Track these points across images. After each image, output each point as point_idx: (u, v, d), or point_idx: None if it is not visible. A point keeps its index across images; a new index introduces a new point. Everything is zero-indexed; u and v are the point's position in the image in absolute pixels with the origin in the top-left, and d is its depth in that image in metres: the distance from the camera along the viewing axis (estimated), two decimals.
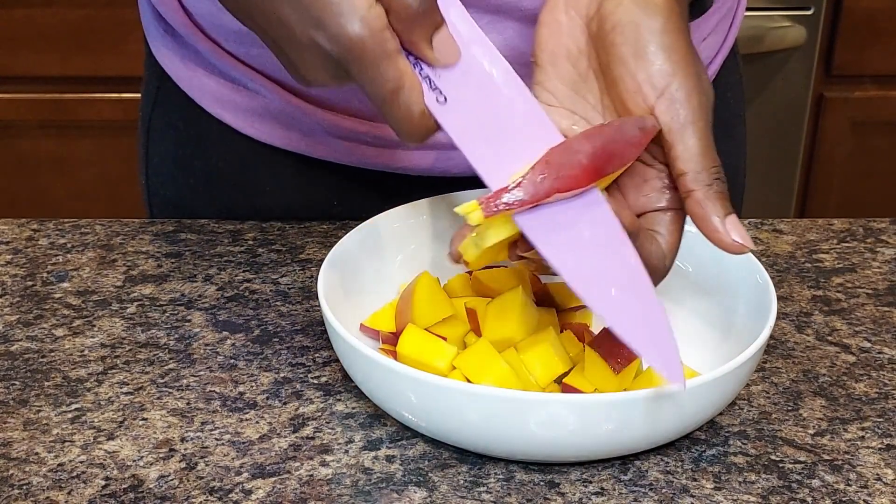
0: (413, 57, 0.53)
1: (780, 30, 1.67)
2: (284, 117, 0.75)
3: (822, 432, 0.59)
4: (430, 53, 0.53)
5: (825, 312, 0.70)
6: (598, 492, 0.55)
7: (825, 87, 1.76)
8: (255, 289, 0.71)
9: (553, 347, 0.59)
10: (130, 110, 1.59)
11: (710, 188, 0.53)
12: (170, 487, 0.54)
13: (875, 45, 1.71)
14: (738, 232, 0.54)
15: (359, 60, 0.51)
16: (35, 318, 0.68)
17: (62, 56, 1.72)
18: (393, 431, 0.58)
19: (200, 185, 0.81)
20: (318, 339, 0.66)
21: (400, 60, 0.52)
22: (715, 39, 0.81)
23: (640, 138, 0.53)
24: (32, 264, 0.74)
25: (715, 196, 0.53)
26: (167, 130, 0.82)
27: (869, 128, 1.78)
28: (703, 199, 0.53)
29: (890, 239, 0.79)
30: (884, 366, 0.65)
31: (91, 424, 0.59)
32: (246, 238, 0.77)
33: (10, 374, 0.63)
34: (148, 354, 0.65)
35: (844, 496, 0.54)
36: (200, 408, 0.60)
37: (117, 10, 1.68)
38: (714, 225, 0.53)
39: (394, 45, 0.51)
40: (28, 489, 0.54)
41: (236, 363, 0.64)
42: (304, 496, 0.54)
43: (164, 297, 0.70)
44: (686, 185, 0.53)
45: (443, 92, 0.54)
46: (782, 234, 0.79)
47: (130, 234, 0.78)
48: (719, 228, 0.53)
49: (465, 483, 0.55)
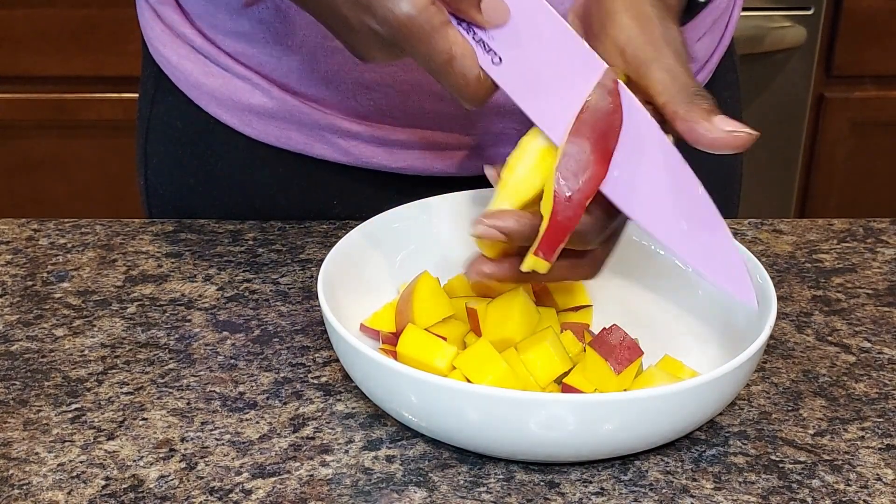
0: (465, 23, 0.55)
1: (780, 30, 1.67)
2: (283, 117, 0.75)
3: (822, 432, 0.59)
4: (480, 17, 0.54)
5: (825, 312, 0.70)
6: (598, 492, 0.55)
7: (825, 87, 1.76)
8: (255, 289, 0.71)
9: (553, 347, 0.59)
10: (130, 110, 1.59)
11: (691, 103, 0.54)
12: (170, 487, 0.54)
13: (875, 45, 1.71)
14: (730, 124, 0.53)
15: (410, 38, 0.53)
16: (35, 318, 0.68)
17: (62, 56, 1.72)
18: (393, 431, 0.58)
19: (200, 184, 0.81)
20: (318, 339, 0.66)
21: (450, 31, 0.54)
22: (710, 39, 0.81)
23: (613, 101, 0.55)
24: (32, 264, 0.74)
25: (697, 107, 0.53)
26: (166, 130, 0.82)
27: (869, 128, 1.78)
28: (685, 113, 0.53)
29: (890, 239, 0.79)
30: (884, 366, 0.65)
31: (91, 424, 0.59)
32: (246, 238, 0.77)
33: (10, 374, 0.63)
34: (148, 354, 0.65)
35: (844, 496, 0.54)
36: (200, 408, 0.60)
37: (117, 10, 1.68)
38: (701, 128, 0.53)
39: (441, 18, 0.53)
40: (28, 489, 0.54)
41: (236, 363, 0.64)
42: (304, 496, 0.54)
43: (164, 297, 0.71)
44: (668, 111, 0.54)
45: (497, 52, 0.56)
46: (782, 234, 0.79)
47: (130, 234, 0.78)
48: (707, 128, 0.53)
49: (465, 483, 0.55)
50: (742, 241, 0.70)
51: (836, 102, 1.76)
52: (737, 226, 0.79)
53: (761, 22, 1.67)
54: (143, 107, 0.84)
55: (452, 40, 0.54)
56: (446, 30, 0.54)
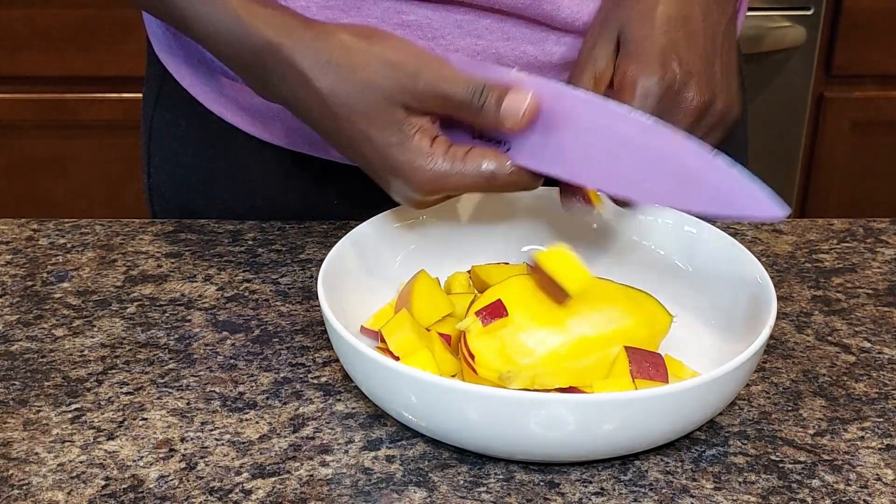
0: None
1: (780, 30, 1.67)
2: (286, 117, 0.75)
3: (822, 432, 0.59)
4: (505, 127, 0.59)
5: (825, 312, 0.70)
6: (598, 492, 0.55)
7: (825, 87, 1.76)
8: (255, 289, 0.71)
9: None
10: (130, 110, 1.59)
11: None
12: (170, 487, 0.54)
13: (875, 45, 1.71)
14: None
15: (434, 186, 0.60)
16: (35, 318, 0.68)
17: (62, 56, 1.72)
18: (393, 431, 0.58)
19: (202, 183, 0.81)
20: (318, 339, 0.66)
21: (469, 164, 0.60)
22: None
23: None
24: (32, 264, 0.74)
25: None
26: (169, 129, 0.82)
27: (869, 128, 1.78)
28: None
29: (890, 239, 0.79)
30: (884, 366, 0.65)
31: (91, 424, 0.59)
32: (246, 238, 0.77)
33: (10, 374, 0.63)
34: (148, 354, 0.65)
35: (844, 496, 0.54)
36: (200, 408, 0.60)
37: (117, 10, 1.68)
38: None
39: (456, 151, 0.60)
40: (28, 489, 0.54)
41: (236, 363, 0.64)
42: (304, 496, 0.54)
43: (164, 297, 0.70)
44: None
45: (505, 143, 0.61)
46: (782, 234, 0.79)
47: (130, 234, 0.78)
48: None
49: (465, 483, 0.55)
50: (742, 241, 0.70)
51: (836, 102, 1.76)
52: (737, 226, 0.79)
53: (761, 22, 1.67)
54: (146, 105, 0.84)
55: (474, 161, 0.60)
56: (468, 159, 0.59)
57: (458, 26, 0.69)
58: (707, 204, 0.57)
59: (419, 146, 0.59)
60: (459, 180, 0.60)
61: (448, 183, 0.60)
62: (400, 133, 0.59)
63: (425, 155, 0.59)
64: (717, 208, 0.57)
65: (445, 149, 0.60)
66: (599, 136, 0.59)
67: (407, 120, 0.59)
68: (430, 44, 0.69)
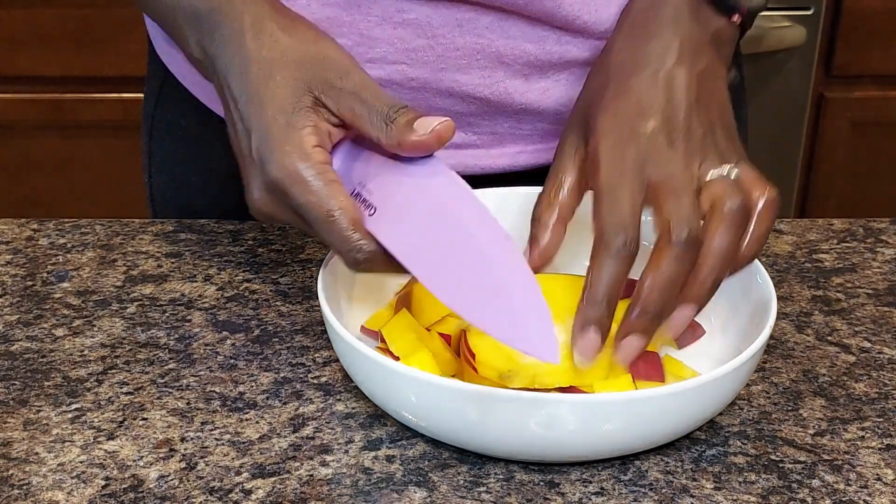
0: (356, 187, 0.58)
1: (780, 30, 1.67)
2: None
3: (822, 432, 0.59)
4: (409, 140, 0.56)
5: (825, 312, 0.70)
6: (598, 492, 0.55)
7: (825, 87, 1.76)
8: (255, 289, 0.71)
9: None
10: (131, 110, 1.60)
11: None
12: (170, 487, 0.54)
13: (875, 45, 1.71)
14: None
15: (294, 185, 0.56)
16: (35, 318, 0.68)
17: (62, 56, 1.72)
18: (393, 431, 0.58)
19: (202, 182, 0.81)
20: (318, 339, 0.66)
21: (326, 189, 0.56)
22: None
23: None
24: (32, 264, 0.74)
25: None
26: (170, 128, 0.82)
27: (869, 128, 1.78)
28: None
29: (890, 239, 0.79)
30: (884, 366, 0.65)
31: (91, 424, 0.59)
32: (246, 238, 0.77)
33: (10, 374, 0.63)
34: (148, 354, 0.65)
35: (844, 496, 0.54)
36: (200, 408, 0.60)
37: (117, 10, 1.68)
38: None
39: (330, 176, 0.56)
40: (28, 489, 0.54)
41: (236, 363, 0.64)
42: (304, 496, 0.54)
43: (164, 297, 0.70)
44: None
45: (371, 203, 0.57)
46: (782, 234, 0.79)
47: (130, 234, 0.78)
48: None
49: (465, 483, 0.55)
50: None
51: (836, 102, 1.76)
52: None
53: (761, 22, 1.67)
54: (147, 104, 0.84)
55: (333, 189, 0.56)
56: (333, 186, 0.56)
57: (458, 25, 0.69)
58: (493, 328, 0.52)
59: (300, 138, 0.57)
60: (304, 196, 0.56)
61: (295, 189, 0.56)
62: (294, 116, 0.57)
63: (299, 150, 0.56)
64: (499, 334, 0.52)
65: (321, 160, 0.57)
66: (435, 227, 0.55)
67: (307, 111, 0.57)
68: (429, 42, 0.69)
